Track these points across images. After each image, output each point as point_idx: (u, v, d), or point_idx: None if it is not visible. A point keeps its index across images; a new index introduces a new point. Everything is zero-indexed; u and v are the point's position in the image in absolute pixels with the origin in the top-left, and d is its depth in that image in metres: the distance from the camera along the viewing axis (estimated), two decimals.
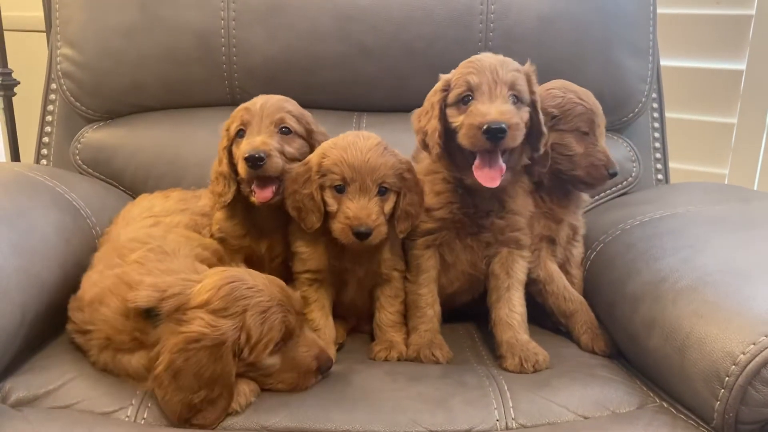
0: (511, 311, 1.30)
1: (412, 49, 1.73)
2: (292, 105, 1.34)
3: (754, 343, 0.95)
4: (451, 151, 1.27)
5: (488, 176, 1.20)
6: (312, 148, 1.33)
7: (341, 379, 1.17)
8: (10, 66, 2.27)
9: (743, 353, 0.95)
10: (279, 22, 1.71)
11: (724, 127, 2.27)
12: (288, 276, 1.32)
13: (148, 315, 1.07)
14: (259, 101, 1.31)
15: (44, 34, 2.41)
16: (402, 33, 1.71)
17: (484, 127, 1.16)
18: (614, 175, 1.38)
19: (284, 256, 1.37)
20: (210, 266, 1.20)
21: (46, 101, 1.86)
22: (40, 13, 2.43)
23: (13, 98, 2.28)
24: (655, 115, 1.89)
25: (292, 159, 1.30)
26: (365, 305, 1.39)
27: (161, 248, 1.21)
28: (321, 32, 1.71)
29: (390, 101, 1.79)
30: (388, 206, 1.25)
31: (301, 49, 1.72)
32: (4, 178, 1.36)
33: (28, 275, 1.15)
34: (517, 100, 1.23)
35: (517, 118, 1.20)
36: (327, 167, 1.23)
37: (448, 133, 1.26)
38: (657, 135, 1.90)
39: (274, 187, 1.28)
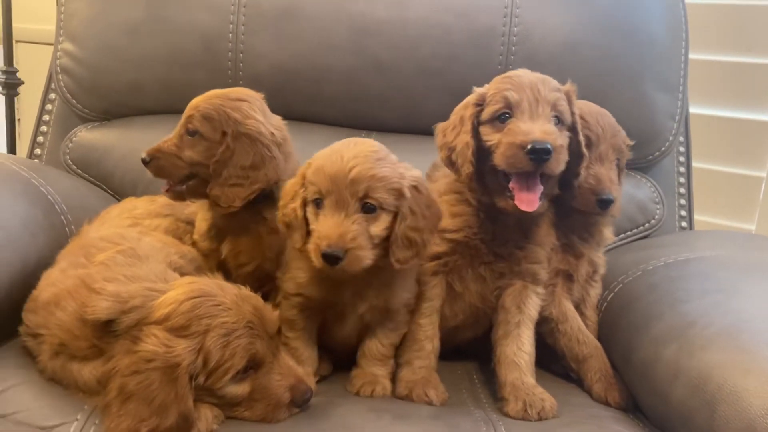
0: (519, 349, 1.16)
1: (428, 69, 1.64)
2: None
3: None
4: (480, 172, 1.16)
5: (527, 199, 1.09)
6: None
7: (319, 413, 1.04)
8: (20, 77, 2.23)
9: None
10: (290, 30, 1.63)
11: (753, 180, 2.15)
12: (257, 288, 1.20)
13: (108, 326, 0.96)
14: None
15: None
16: (418, 50, 1.63)
17: (528, 146, 1.05)
18: (606, 202, 1.21)
19: (254, 266, 1.25)
20: (184, 275, 1.08)
21: (45, 100, 1.80)
22: (53, 27, 2.40)
23: (20, 107, 2.23)
24: (681, 159, 1.78)
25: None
26: (359, 343, 1.22)
27: (133, 251, 1.10)
28: (333, 43, 1.63)
29: (401, 121, 1.70)
30: (377, 228, 1.04)
31: (311, 59, 1.64)
32: None
33: None
34: (559, 121, 1.13)
35: (561, 140, 1.10)
36: (309, 178, 1.06)
37: (479, 151, 1.15)
38: (682, 180, 1.78)
39: None
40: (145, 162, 1.20)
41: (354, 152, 1.04)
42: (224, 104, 1.19)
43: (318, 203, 1.05)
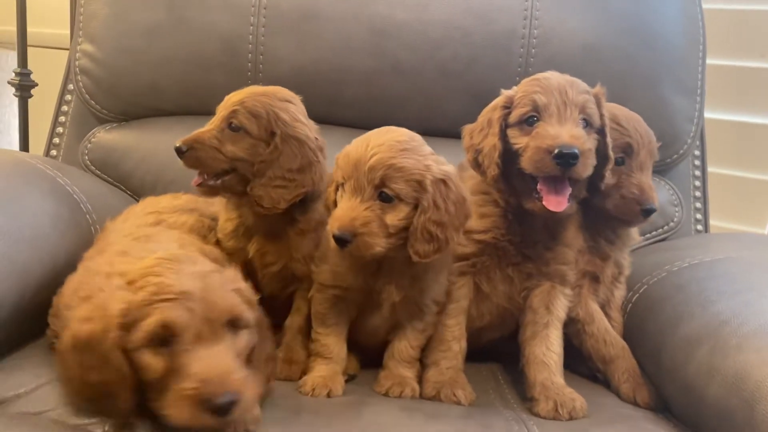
0: (548, 350, 1.16)
1: (447, 71, 1.64)
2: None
3: None
4: (508, 174, 1.16)
5: (555, 200, 1.09)
6: None
7: (351, 412, 1.04)
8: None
9: None
10: (310, 32, 1.63)
11: (765, 185, 2.15)
12: (282, 289, 1.24)
13: None
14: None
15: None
16: (437, 53, 1.63)
17: (555, 151, 1.05)
18: (650, 212, 1.22)
19: (281, 266, 1.24)
20: None
21: (61, 101, 1.79)
22: (66, 31, 2.40)
23: (33, 110, 2.23)
24: (697, 162, 1.78)
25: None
26: (386, 338, 1.22)
27: (147, 238, 1.09)
28: (353, 45, 1.63)
29: (419, 124, 1.66)
30: (394, 218, 1.04)
31: (330, 61, 1.64)
32: (1, 159, 1.25)
33: (11, 262, 1.03)
34: (587, 124, 1.13)
35: (589, 143, 1.10)
36: (338, 162, 1.09)
37: (506, 154, 1.15)
38: (698, 183, 1.78)
39: None
40: (180, 152, 1.15)
41: (380, 140, 1.05)
42: (273, 104, 1.17)
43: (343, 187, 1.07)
